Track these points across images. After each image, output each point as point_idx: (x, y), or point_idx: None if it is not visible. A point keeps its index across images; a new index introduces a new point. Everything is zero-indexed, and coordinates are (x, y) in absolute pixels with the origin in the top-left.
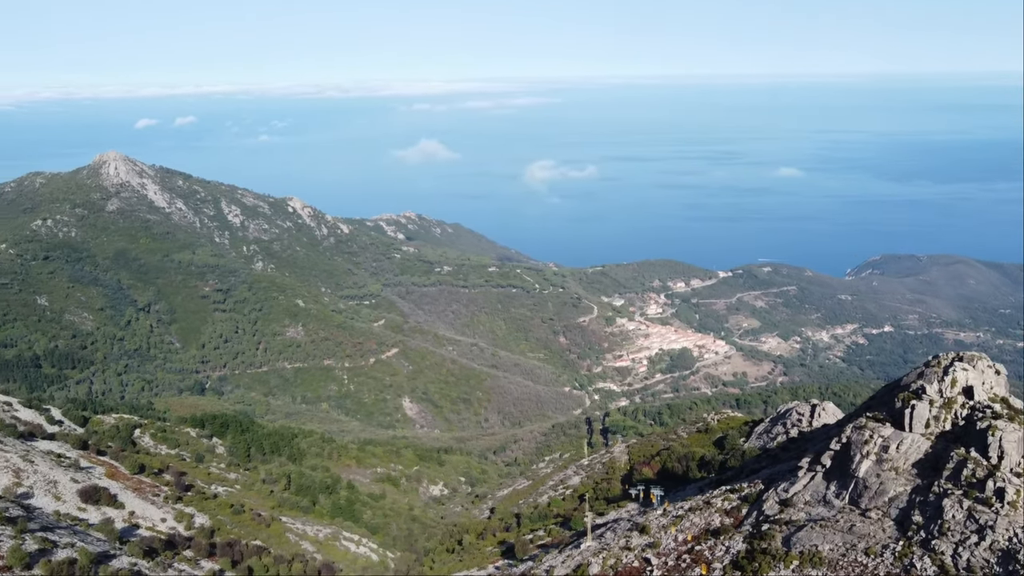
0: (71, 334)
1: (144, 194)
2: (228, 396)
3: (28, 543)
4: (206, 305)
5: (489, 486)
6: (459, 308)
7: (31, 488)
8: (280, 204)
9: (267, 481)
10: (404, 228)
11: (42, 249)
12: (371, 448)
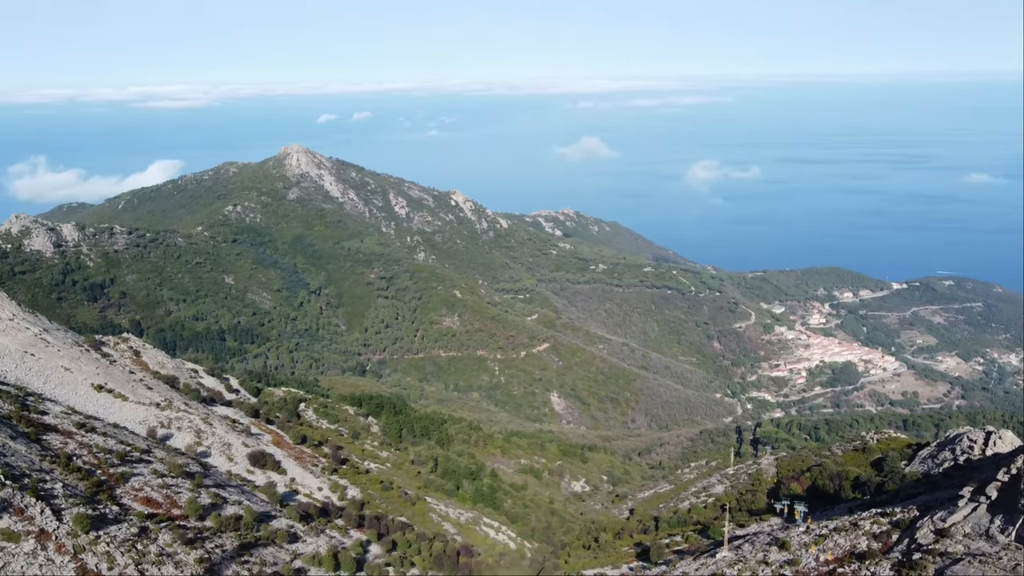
0: (252, 312)
1: (321, 184)
2: (386, 379)
3: (203, 497)
4: (371, 291)
5: (631, 487)
6: (612, 307)
7: (209, 448)
8: (444, 197)
9: (415, 462)
10: (562, 225)
11: (231, 232)
12: (516, 439)
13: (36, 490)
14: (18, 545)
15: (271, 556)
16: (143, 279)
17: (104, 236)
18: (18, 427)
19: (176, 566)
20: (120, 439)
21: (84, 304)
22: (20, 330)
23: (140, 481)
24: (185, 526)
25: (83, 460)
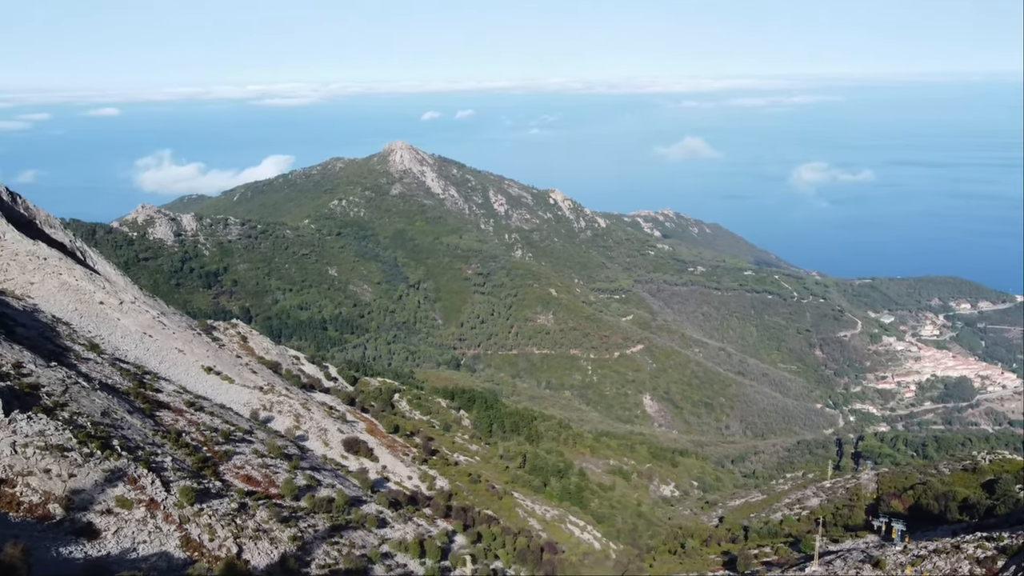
0: (353, 303)
1: (423, 180)
2: (479, 374)
3: (299, 478)
4: (467, 287)
5: (721, 494)
6: (709, 310)
7: (306, 432)
8: (543, 196)
9: (504, 457)
10: (660, 225)
11: (336, 226)
12: (606, 440)
13: (148, 462)
14: (130, 512)
15: (360, 539)
16: (253, 268)
17: (219, 227)
18: (135, 403)
19: (271, 542)
20: (225, 419)
21: (199, 290)
22: (140, 312)
23: (242, 460)
24: (281, 505)
25: (191, 437)
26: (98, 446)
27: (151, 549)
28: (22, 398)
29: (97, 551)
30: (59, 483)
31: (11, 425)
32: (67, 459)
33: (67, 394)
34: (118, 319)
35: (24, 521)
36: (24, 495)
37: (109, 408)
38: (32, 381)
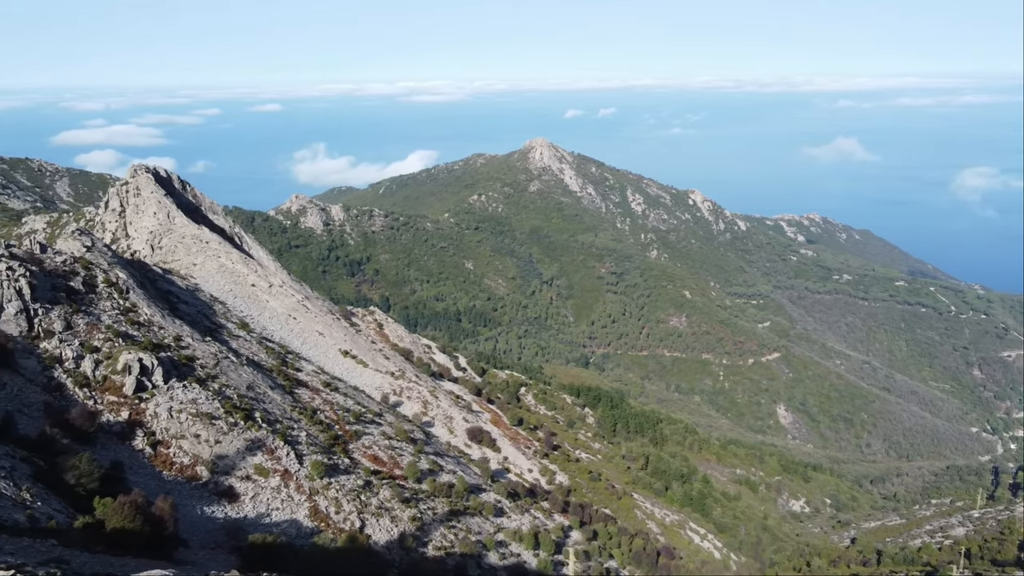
0: (487, 296)
1: (561, 178)
2: (607, 373)
3: (422, 462)
4: (600, 285)
5: (856, 515)
6: (855, 321)
7: (433, 419)
8: (681, 196)
9: (626, 458)
10: (805, 230)
11: (474, 220)
12: (734, 448)
13: (285, 435)
14: (267, 480)
15: (476, 526)
16: (394, 259)
17: (365, 218)
18: (277, 379)
19: (392, 520)
20: (358, 401)
21: (344, 278)
22: (287, 296)
23: (370, 440)
24: (404, 486)
25: (325, 415)
26: (242, 417)
27: (283, 516)
28: (180, 368)
29: (235, 513)
30: (206, 448)
31: (169, 392)
32: (214, 427)
33: (218, 367)
34: (267, 301)
35: (175, 480)
36: (176, 456)
37: (254, 383)
38: (189, 353)
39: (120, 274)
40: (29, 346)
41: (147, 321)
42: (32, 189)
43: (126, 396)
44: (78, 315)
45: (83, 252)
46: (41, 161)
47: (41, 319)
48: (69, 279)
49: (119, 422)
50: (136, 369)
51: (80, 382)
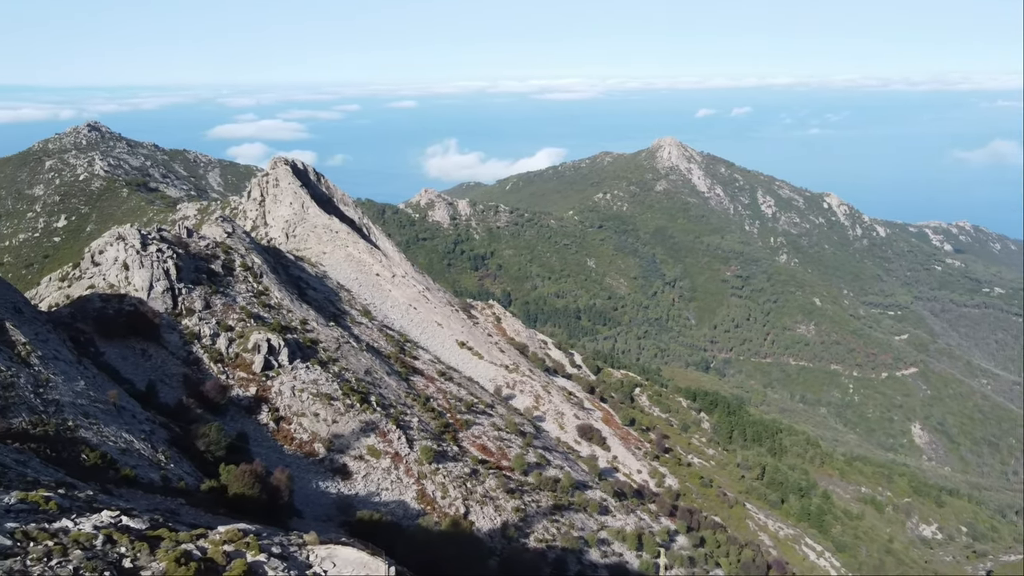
0: (608, 295)
1: (689, 178)
2: (728, 379)
3: (530, 455)
4: (725, 289)
5: (995, 546)
6: (1005, 338)
7: (543, 413)
8: (816, 199)
9: (741, 466)
10: (953, 239)
11: (598, 219)
12: (860, 465)
13: (398, 420)
14: (378, 461)
15: (580, 522)
16: (517, 255)
17: (490, 213)
18: (394, 366)
19: (496, 509)
20: (470, 391)
21: (467, 271)
22: (409, 286)
23: (479, 430)
24: (509, 477)
25: (438, 403)
26: (358, 399)
27: (391, 496)
28: (304, 350)
29: (348, 490)
30: (324, 426)
31: (293, 372)
32: (332, 407)
33: (339, 351)
34: (389, 290)
35: (294, 454)
36: (296, 432)
37: (372, 368)
38: (313, 336)
39: (255, 259)
40: (173, 322)
41: (277, 304)
42: (188, 179)
43: (254, 373)
44: (216, 295)
45: (224, 237)
46: (197, 153)
47: (184, 298)
48: (210, 262)
49: (247, 397)
50: (264, 348)
51: (215, 357)
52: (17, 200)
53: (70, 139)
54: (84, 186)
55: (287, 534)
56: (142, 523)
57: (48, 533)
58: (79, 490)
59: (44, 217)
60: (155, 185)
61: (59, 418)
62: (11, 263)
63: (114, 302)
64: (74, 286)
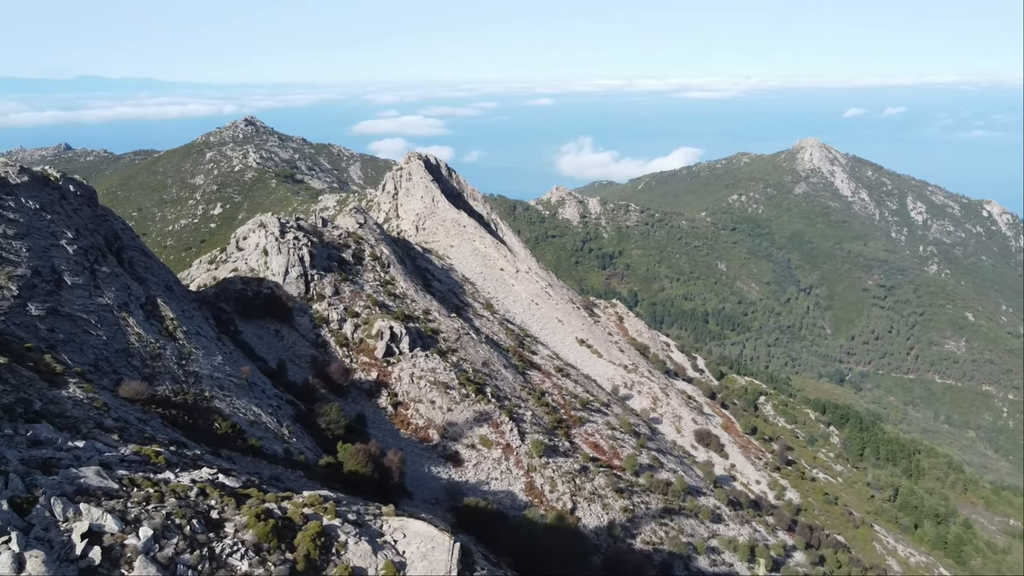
0: (738, 300)
1: (831, 181)
2: (864, 393)
3: (642, 456)
4: (865, 298)
5: None
6: None
7: (660, 415)
8: (973, 207)
9: (872, 485)
10: None
11: (732, 221)
12: (1010, 495)
13: (511, 412)
14: (489, 451)
15: (689, 527)
16: (646, 255)
17: (620, 212)
18: (511, 359)
19: (603, 507)
20: (587, 389)
21: (595, 270)
22: (532, 282)
23: (593, 428)
24: (620, 476)
25: (552, 398)
26: (474, 390)
27: (500, 486)
28: (424, 339)
29: (458, 476)
30: (439, 414)
31: (412, 359)
32: (448, 395)
33: (459, 342)
34: (512, 285)
35: (409, 439)
36: (413, 418)
37: (489, 360)
38: (434, 327)
39: (384, 250)
40: (304, 306)
41: (402, 293)
42: (331, 171)
43: (376, 359)
44: (345, 283)
45: (356, 228)
46: (340, 147)
47: (316, 284)
48: (342, 251)
49: (368, 381)
50: (387, 335)
51: (341, 342)
52: (181, 188)
53: (228, 133)
54: (238, 176)
55: (366, 504)
56: (236, 482)
57: (151, 482)
58: (189, 449)
59: (203, 204)
60: (301, 177)
61: (197, 388)
62: (172, 246)
63: (253, 285)
64: (220, 268)
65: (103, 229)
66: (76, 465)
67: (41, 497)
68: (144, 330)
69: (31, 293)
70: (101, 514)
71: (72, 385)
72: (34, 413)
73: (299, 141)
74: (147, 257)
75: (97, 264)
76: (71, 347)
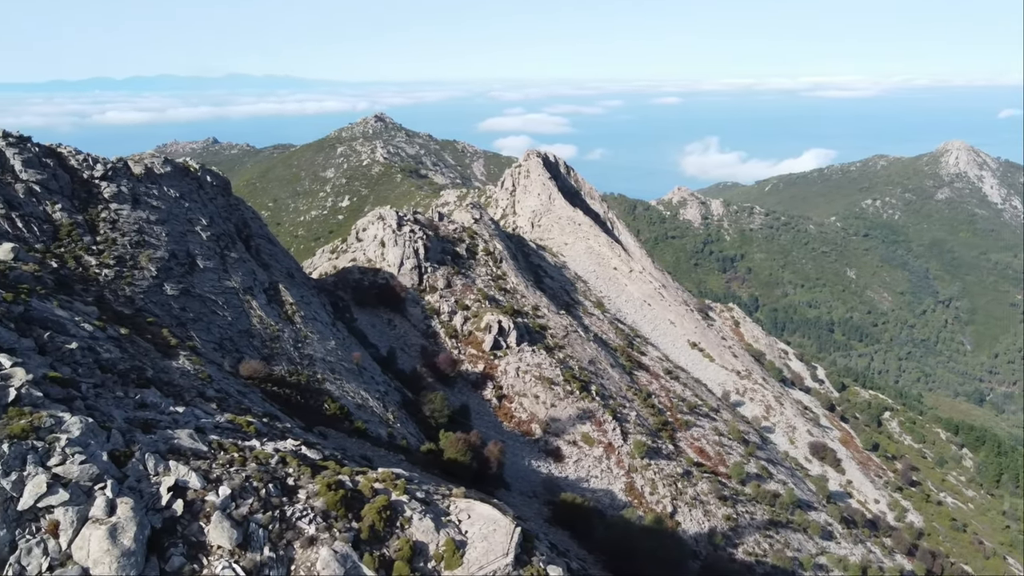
0: (867, 310)
1: (978, 187)
2: (1007, 416)
3: (750, 465)
4: (1013, 314)
5: None
6: None
7: (773, 425)
8: None
9: (1008, 515)
10: None
11: (864, 226)
12: None
13: (615, 411)
14: (591, 448)
15: (796, 542)
16: (769, 259)
17: (744, 214)
18: (619, 359)
19: (705, 514)
20: (696, 392)
21: (715, 273)
22: (645, 282)
23: (699, 432)
24: (724, 484)
25: (659, 400)
26: (578, 387)
27: (599, 484)
28: (532, 334)
29: (558, 472)
30: (543, 409)
31: (519, 354)
32: (553, 391)
33: (566, 339)
34: (625, 285)
35: (511, 432)
36: (516, 411)
37: (596, 358)
38: (543, 323)
39: (497, 245)
40: (417, 297)
41: (512, 288)
42: (455, 167)
43: (484, 351)
44: (457, 276)
45: (471, 223)
46: (465, 143)
47: (429, 276)
48: (456, 245)
49: (475, 373)
50: (495, 329)
51: (450, 333)
52: (313, 181)
53: (359, 128)
54: (366, 171)
55: (438, 485)
56: (317, 455)
57: (237, 448)
58: (280, 422)
59: (332, 197)
60: (425, 172)
61: (311, 370)
62: (303, 236)
63: (370, 275)
64: (340, 258)
65: (234, 217)
66: (173, 427)
67: (137, 452)
68: (265, 313)
69: (167, 274)
70: (187, 472)
71: (183, 357)
72: (145, 380)
73: (425, 137)
74: (272, 245)
75: (227, 250)
76: (199, 326)
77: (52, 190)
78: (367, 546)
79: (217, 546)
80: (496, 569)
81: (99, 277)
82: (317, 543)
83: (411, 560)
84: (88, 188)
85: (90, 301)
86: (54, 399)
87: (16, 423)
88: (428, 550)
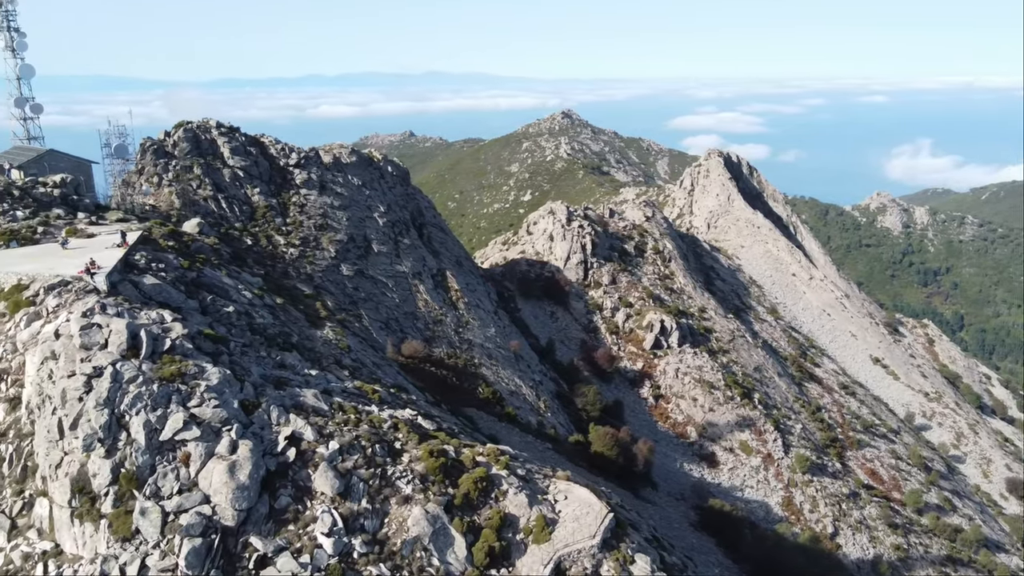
0: None
1: None
2: None
3: (931, 494)
4: None
5: None
6: None
7: (964, 455)
8: None
9: None
10: None
11: None
12: None
13: (778, 422)
14: (748, 457)
15: None
16: (980, 274)
17: (952, 225)
18: (789, 368)
19: (870, 540)
20: (873, 411)
21: (913, 286)
22: (826, 291)
23: (873, 453)
24: (897, 511)
25: (830, 415)
26: (740, 393)
27: (755, 495)
28: (695, 336)
29: (711, 478)
30: (700, 412)
31: (680, 355)
32: (712, 395)
33: (732, 343)
34: (804, 292)
35: (665, 432)
36: (672, 412)
37: (762, 365)
38: (708, 325)
39: (667, 244)
40: (581, 291)
41: (679, 289)
42: (638, 165)
43: (644, 350)
44: (623, 273)
45: (642, 221)
46: (650, 141)
47: (594, 271)
48: (624, 242)
49: (633, 370)
50: (657, 328)
51: (611, 329)
52: (498, 175)
53: (545, 125)
54: (549, 166)
55: (542, 466)
56: (432, 425)
57: (355, 410)
58: (408, 394)
59: (515, 191)
60: (607, 169)
61: (469, 355)
62: (485, 227)
63: (536, 267)
64: (510, 250)
65: (411, 206)
66: (303, 387)
67: (264, 404)
68: (431, 297)
69: (345, 256)
70: (304, 425)
71: (328, 328)
72: (289, 344)
73: (610, 134)
74: (443, 233)
75: (400, 236)
76: (369, 305)
77: (253, 175)
78: (459, 511)
79: (320, 492)
80: (581, 549)
81: (285, 255)
82: (411, 502)
83: (499, 530)
84: (283, 174)
85: (259, 273)
86: (204, 352)
87: (167, 368)
88: (518, 523)
